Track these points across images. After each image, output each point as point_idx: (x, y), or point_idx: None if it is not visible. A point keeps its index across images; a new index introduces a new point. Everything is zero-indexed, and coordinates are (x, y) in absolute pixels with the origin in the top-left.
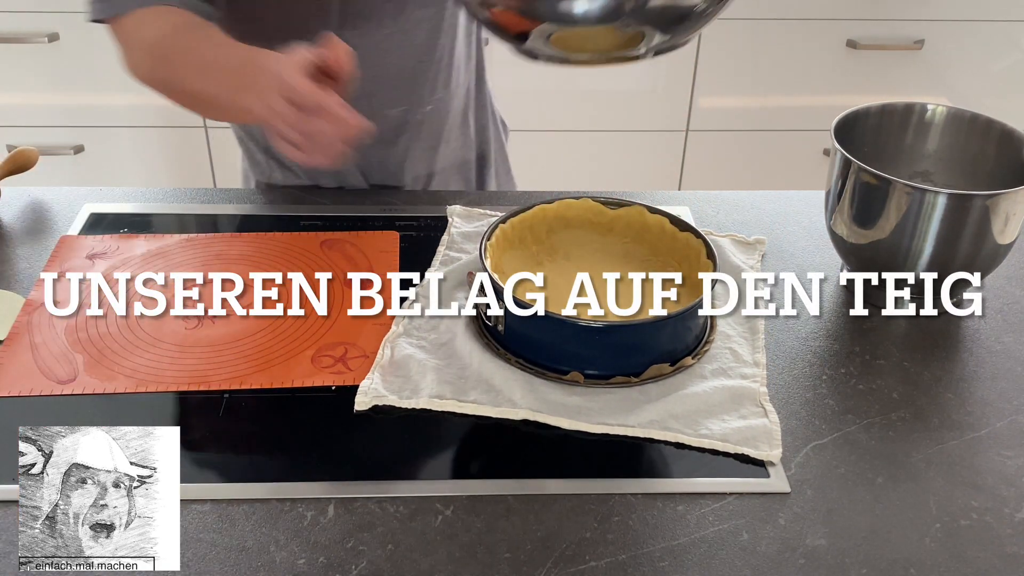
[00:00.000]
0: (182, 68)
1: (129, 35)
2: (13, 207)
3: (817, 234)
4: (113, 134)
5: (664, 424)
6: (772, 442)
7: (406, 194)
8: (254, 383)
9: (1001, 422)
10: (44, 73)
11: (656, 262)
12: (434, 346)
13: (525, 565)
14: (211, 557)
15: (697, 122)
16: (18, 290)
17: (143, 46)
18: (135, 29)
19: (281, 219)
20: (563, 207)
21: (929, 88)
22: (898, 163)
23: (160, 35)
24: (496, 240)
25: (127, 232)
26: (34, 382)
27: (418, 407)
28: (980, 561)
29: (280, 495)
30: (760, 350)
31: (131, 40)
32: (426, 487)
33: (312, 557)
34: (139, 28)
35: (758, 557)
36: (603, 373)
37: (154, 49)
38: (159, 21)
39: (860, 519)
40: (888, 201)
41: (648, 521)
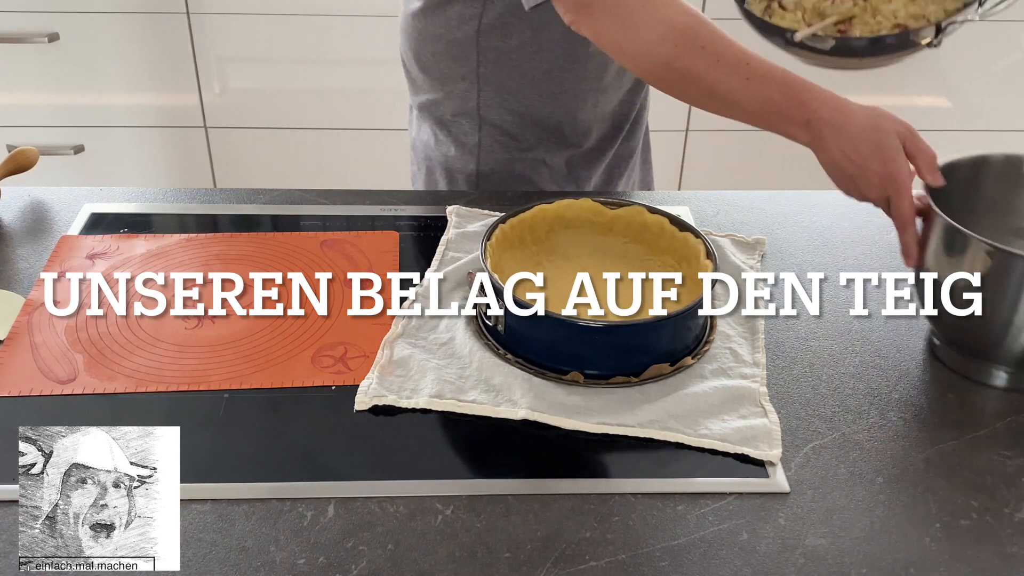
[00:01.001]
0: (717, 67)
1: (654, 8)
2: (13, 207)
3: (817, 234)
4: (113, 134)
5: (664, 424)
6: (772, 442)
7: (406, 194)
8: (254, 383)
9: (1001, 422)
10: (44, 73)
11: (656, 262)
12: (434, 346)
13: (525, 565)
14: (211, 557)
15: (697, 122)
16: (18, 290)
17: (672, 27)
18: (664, 4)
19: (281, 219)
20: (563, 207)
21: (929, 88)
22: (992, 219)
23: (693, 21)
24: (496, 240)
25: (127, 232)
26: (34, 382)
27: (418, 407)
28: (980, 561)
29: (280, 495)
30: (760, 350)
31: (641, 13)
32: (426, 487)
33: (312, 557)
34: (664, 6)
35: (758, 557)
36: (603, 373)
37: (684, 36)
38: (678, 4)
39: (860, 519)
40: (969, 259)
41: (648, 521)
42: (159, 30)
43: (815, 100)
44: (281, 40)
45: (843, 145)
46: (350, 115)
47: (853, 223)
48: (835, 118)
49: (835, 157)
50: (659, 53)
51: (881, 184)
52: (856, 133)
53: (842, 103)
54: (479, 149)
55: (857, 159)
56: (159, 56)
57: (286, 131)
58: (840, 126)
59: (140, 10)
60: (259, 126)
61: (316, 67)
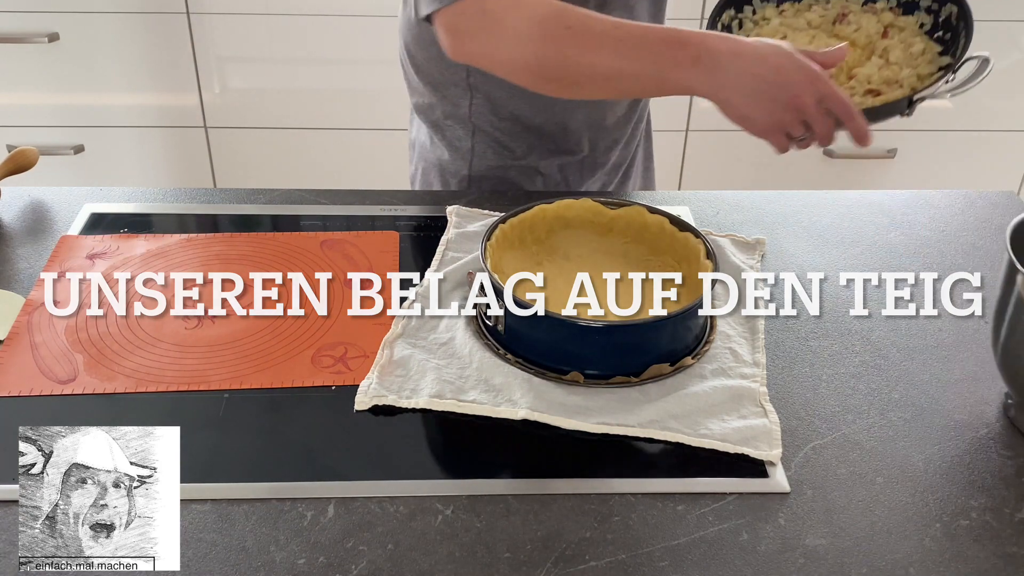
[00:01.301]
0: (588, 42)
1: (505, 10)
2: (13, 207)
3: (817, 234)
4: (113, 134)
5: (664, 424)
6: (772, 442)
7: (406, 194)
8: (254, 383)
9: (1001, 422)
10: (44, 73)
11: (656, 262)
12: (434, 346)
13: (525, 565)
14: (211, 557)
15: (697, 122)
16: (18, 290)
17: (532, 19)
18: (513, 5)
19: (281, 219)
20: (563, 207)
21: None
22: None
23: (557, 7)
24: (496, 240)
25: (127, 232)
26: (34, 382)
27: (418, 407)
28: (980, 561)
29: (280, 495)
30: (760, 350)
31: (509, 16)
32: (426, 487)
33: (312, 557)
34: (528, 4)
35: (758, 557)
36: (603, 373)
37: (547, 23)
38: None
39: (860, 519)
40: None
41: (648, 521)
42: (159, 30)
43: (698, 36)
44: (281, 40)
45: (749, 66)
46: (350, 115)
47: (853, 223)
48: (729, 45)
49: (743, 82)
50: (529, 49)
51: (808, 81)
52: (759, 49)
53: (729, 36)
54: (472, 155)
55: (771, 71)
56: (159, 56)
57: (286, 131)
58: (738, 51)
59: (140, 10)
60: (259, 126)
61: (316, 67)
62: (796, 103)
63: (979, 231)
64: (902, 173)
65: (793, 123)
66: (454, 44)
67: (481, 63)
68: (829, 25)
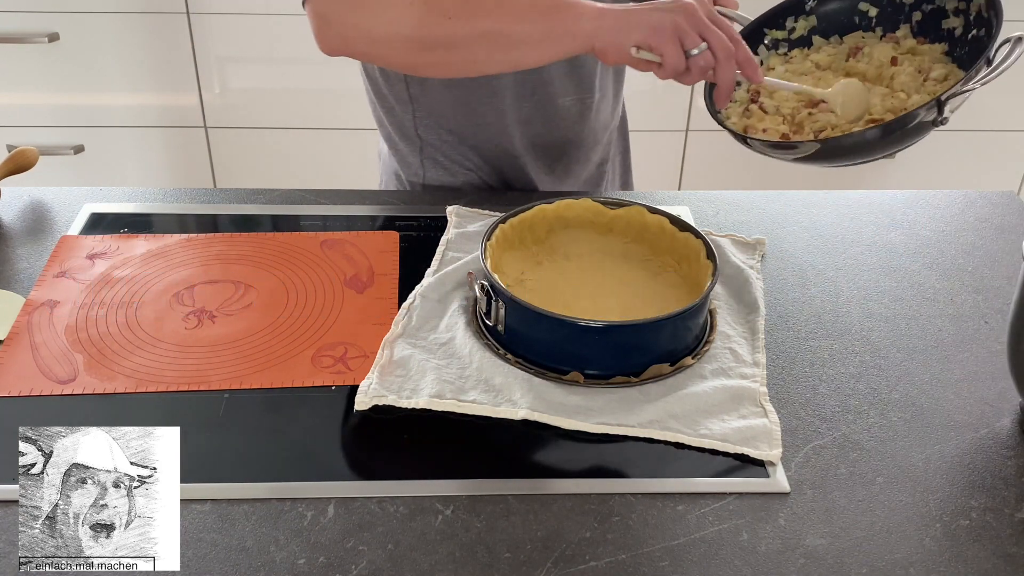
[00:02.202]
0: (470, 3)
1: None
2: (13, 207)
3: (817, 234)
4: (113, 134)
5: (664, 424)
6: (772, 442)
7: (406, 194)
8: (254, 383)
9: (1001, 422)
10: (44, 73)
11: (656, 262)
12: (434, 346)
13: (525, 565)
14: (211, 557)
15: (697, 122)
16: (18, 290)
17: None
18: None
19: (281, 219)
20: (563, 207)
21: None
22: None
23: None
24: (496, 240)
25: (127, 232)
26: (34, 382)
27: (418, 407)
28: (980, 561)
29: (280, 495)
30: (760, 350)
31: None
32: (426, 487)
33: (312, 557)
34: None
35: (758, 557)
36: (603, 373)
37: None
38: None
39: (860, 519)
40: None
41: (648, 521)
42: (159, 30)
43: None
44: (281, 40)
45: (636, 8)
46: (350, 115)
47: (853, 223)
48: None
49: (629, 17)
50: (408, 17)
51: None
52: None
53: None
54: (423, 170)
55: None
56: (159, 56)
57: (286, 131)
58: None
59: (140, 10)
60: (259, 126)
61: (316, 67)
62: (684, 8)
63: (979, 231)
64: (902, 173)
65: (685, 27)
66: (327, 30)
67: (359, 46)
68: (842, 61)
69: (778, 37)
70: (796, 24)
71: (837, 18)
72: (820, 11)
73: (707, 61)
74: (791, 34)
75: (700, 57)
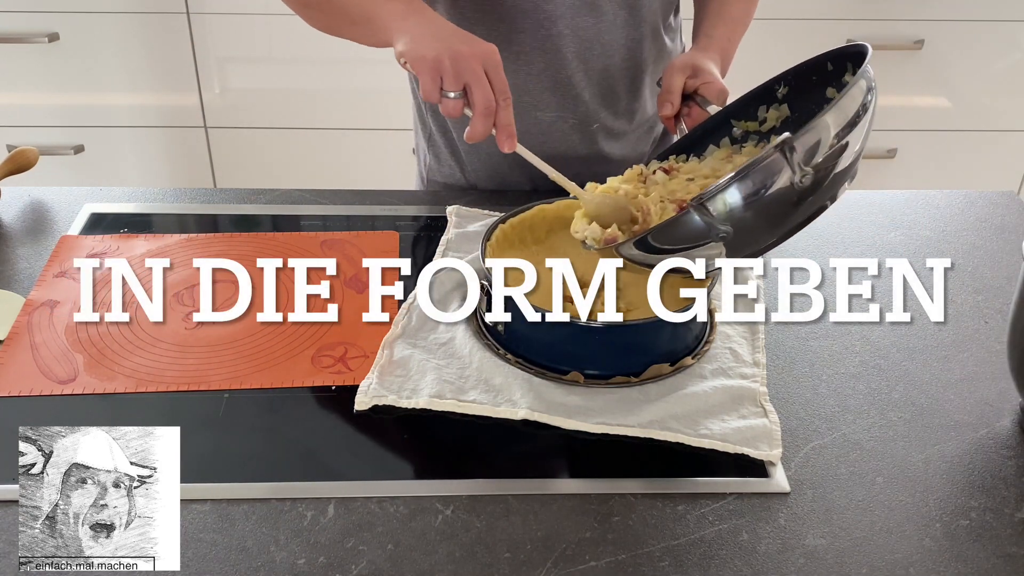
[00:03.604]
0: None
1: None
2: (13, 207)
3: (817, 234)
4: (113, 134)
5: (664, 424)
6: (772, 442)
7: (406, 194)
8: (254, 383)
9: (1001, 422)
10: (44, 73)
11: None
12: (434, 346)
13: (525, 565)
14: (211, 557)
15: None
16: (18, 290)
17: None
18: None
19: (281, 219)
20: (563, 207)
21: (929, 88)
22: None
23: None
24: (496, 240)
25: (127, 232)
26: (34, 382)
27: (418, 407)
28: (980, 561)
29: (280, 495)
30: (760, 350)
31: None
32: (426, 487)
33: (312, 557)
34: None
35: (758, 557)
36: (603, 373)
37: None
38: None
39: (860, 519)
40: None
41: (648, 521)
42: (159, 30)
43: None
44: (281, 40)
45: (445, 24)
46: (350, 115)
47: (853, 223)
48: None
49: (431, 27)
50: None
51: (487, 50)
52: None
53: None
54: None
55: (459, 32)
56: (159, 56)
57: (286, 131)
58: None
59: (140, 10)
60: (259, 126)
61: (316, 67)
62: (460, 52)
63: (979, 231)
64: (902, 173)
65: (447, 67)
66: None
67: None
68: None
69: (749, 128)
70: (767, 115)
71: (808, 110)
72: (793, 102)
73: (456, 108)
74: (762, 125)
75: (451, 102)
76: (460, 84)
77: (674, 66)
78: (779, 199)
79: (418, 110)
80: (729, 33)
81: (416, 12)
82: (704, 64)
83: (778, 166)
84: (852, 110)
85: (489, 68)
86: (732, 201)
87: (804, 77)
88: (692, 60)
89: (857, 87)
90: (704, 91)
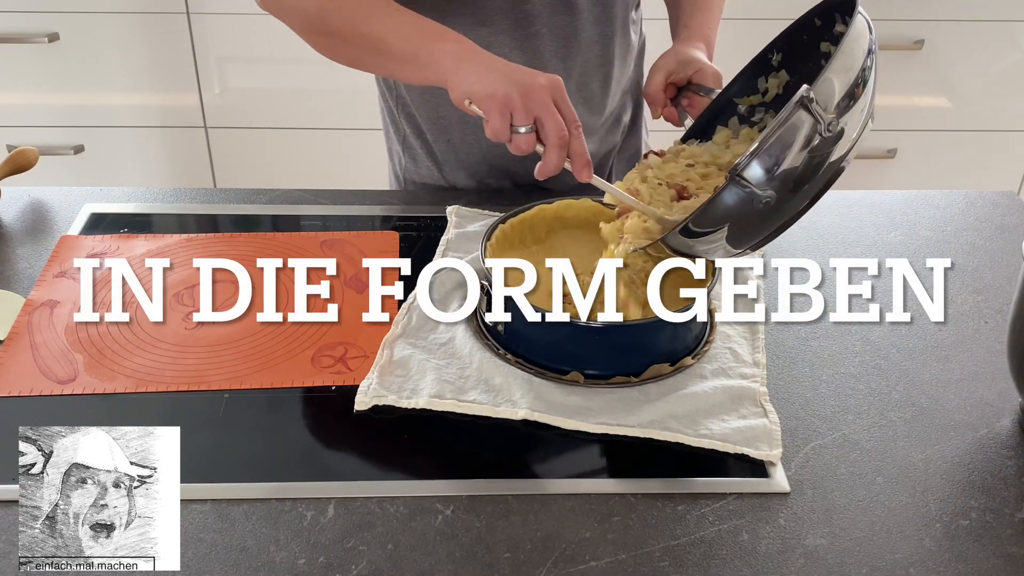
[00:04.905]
0: (366, 6)
1: None
2: (13, 207)
3: (817, 234)
4: (113, 134)
5: (664, 424)
6: (772, 442)
7: (406, 194)
8: (254, 383)
9: (1001, 422)
10: (44, 73)
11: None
12: (434, 346)
13: (525, 565)
14: (211, 557)
15: None
16: (18, 290)
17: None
18: None
19: (281, 219)
20: (563, 207)
21: (929, 88)
22: None
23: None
24: (496, 240)
25: (127, 232)
26: (34, 382)
27: (418, 407)
28: (980, 561)
29: (280, 495)
30: (760, 350)
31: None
32: (426, 487)
33: (312, 557)
34: None
35: (758, 557)
36: (603, 373)
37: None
38: None
39: (860, 519)
40: None
41: (648, 521)
42: (159, 30)
43: (458, 35)
44: (281, 40)
45: (497, 61)
46: (350, 115)
47: (853, 223)
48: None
49: (484, 67)
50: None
51: (550, 82)
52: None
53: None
54: (400, 164)
55: (516, 67)
56: (159, 56)
57: (286, 131)
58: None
59: (140, 10)
60: (259, 126)
61: (316, 67)
62: (529, 85)
63: (979, 231)
64: (902, 173)
65: (516, 103)
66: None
67: (270, 8)
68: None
69: (752, 103)
70: (767, 84)
71: (807, 69)
72: (791, 66)
73: (529, 143)
74: (765, 95)
75: (523, 137)
76: (531, 118)
77: (655, 67)
78: (812, 151)
79: (389, 113)
80: (705, 19)
81: (472, 52)
82: (690, 54)
83: (803, 120)
84: (858, 50)
85: (558, 98)
86: (768, 164)
87: (795, 39)
88: (675, 56)
89: (855, 28)
90: (698, 79)
